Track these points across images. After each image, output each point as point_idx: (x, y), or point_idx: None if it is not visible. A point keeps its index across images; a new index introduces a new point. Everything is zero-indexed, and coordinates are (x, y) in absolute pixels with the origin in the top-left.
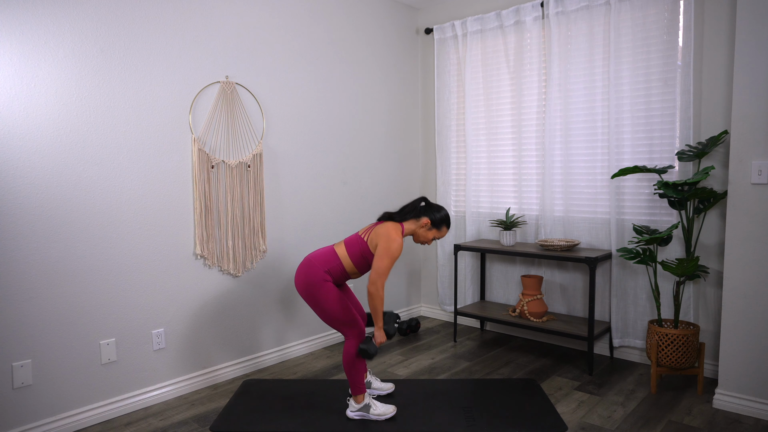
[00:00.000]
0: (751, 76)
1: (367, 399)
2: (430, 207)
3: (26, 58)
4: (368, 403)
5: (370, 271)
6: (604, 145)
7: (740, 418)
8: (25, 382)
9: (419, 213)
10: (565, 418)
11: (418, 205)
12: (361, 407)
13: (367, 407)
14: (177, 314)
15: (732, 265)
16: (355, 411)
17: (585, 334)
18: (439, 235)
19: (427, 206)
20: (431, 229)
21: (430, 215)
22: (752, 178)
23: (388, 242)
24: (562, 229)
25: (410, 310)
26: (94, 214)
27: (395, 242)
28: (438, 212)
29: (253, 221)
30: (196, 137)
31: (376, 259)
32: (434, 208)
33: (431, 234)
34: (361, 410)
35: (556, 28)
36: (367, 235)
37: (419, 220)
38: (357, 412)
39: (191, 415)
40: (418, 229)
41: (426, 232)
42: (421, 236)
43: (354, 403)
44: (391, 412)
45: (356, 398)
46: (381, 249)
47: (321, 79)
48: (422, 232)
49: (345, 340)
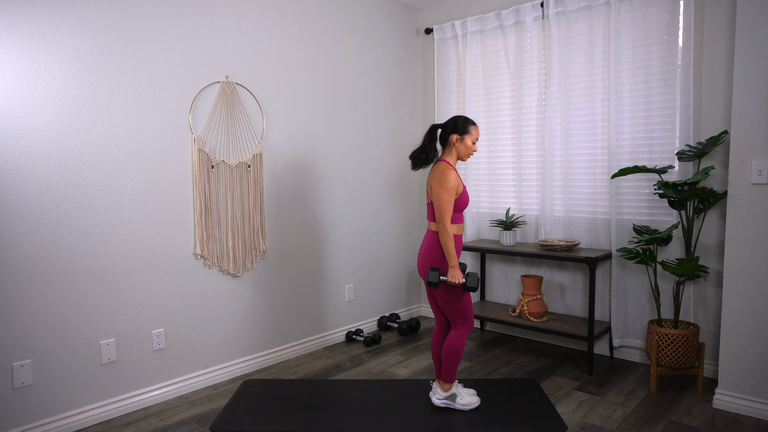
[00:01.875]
0: (751, 76)
1: (454, 388)
2: (446, 125)
3: (26, 58)
4: (454, 392)
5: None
6: (604, 145)
7: (740, 418)
8: (25, 382)
9: (444, 139)
10: (565, 418)
11: (435, 135)
12: (447, 395)
13: (453, 396)
14: (177, 314)
15: (732, 265)
16: (441, 399)
17: (585, 334)
18: (474, 136)
19: (443, 129)
20: (463, 139)
21: (453, 131)
22: (752, 178)
23: (439, 179)
24: (562, 229)
25: (410, 310)
26: (94, 214)
27: (445, 175)
28: (455, 122)
29: (253, 221)
30: (196, 137)
31: (435, 198)
32: (449, 124)
33: (468, 142)
34: (447, 398)
35: (556, 28)
36: (428, 195)
37: (449, 143)
38: (443, 399)
39: (191, 415)
40: (456, 150)
41: (462, 146)
42: (463, 152)
43: (441, 391)
44: (476, 403)
45: (443, 386)
46: (435, 188)
47: (321, 79)
48: (461, 149)
49: (453, 328)
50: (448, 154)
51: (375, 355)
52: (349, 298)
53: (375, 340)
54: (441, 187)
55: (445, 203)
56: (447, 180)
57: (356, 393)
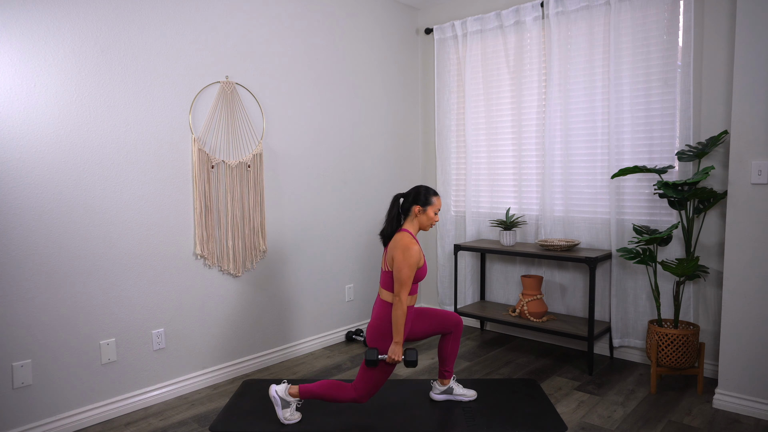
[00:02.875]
0: (751, 76)
1: (452, 384)
2: (408, 196)
3: (26, 58)
4: (451, 386)
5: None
6: (604, 145)
7: (740, 418)
8: (25, 382)
9: (406, 210)
10: (565, 418)
11: (398, 205)
12: (445, 389)
13: (450, 390)
14: (177, 314)
15: (732, 265)
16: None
17: (585, 334)
18: (437, 207)
19: (405, 199)
20: (425, 210)
21: (414, 202)
22: (752, 178)
23: (403, 251)
24: (562, 229)
25: None
26: (94, 214)
27: (409, 249)
28: (417, 194)
29: (253, 221)
30: (196, 137)
31: (395, 270)
32: (411, 195)
33: (430, 213)
34: (445, 392)
35: (556, 28)
36: (384, 262)
37: (411, 213)
38: (441, 394)
39: (191, 415)
40: (418, 220)
41: (424, 216)
42: (425, 222)
43: (438, 386)
44: (472, 395)
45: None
46: (398, 260)
47: (321, 79)
48: (423, 219)
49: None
50: (409, 224)
51: None
52: (349, 298)
53: None
54: (404, 261)
55: (406, 278)
56: (411, 255)
57: None
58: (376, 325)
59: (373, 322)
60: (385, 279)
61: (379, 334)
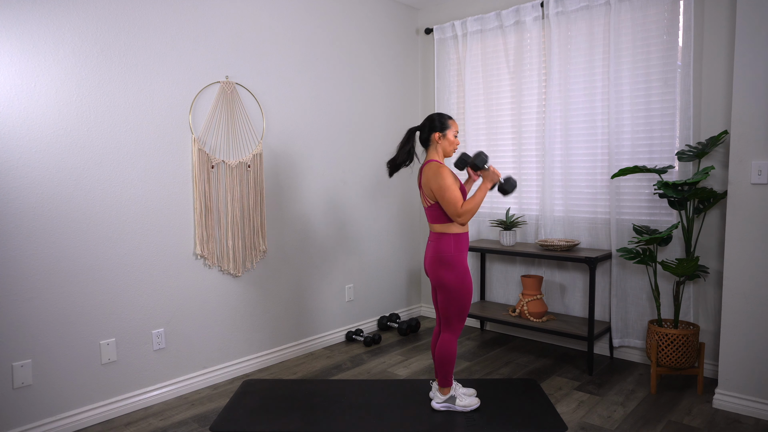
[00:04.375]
0: (751, 76)
1: (452, 391)
2: (423, 127)
3: (27, 58)
4: (453, 395)
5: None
6: (604, 145)
7: (740, 418)
8: (25, 382)
9: (425, 140)
10: (565, 418)
11: (413, 138)
12: (447, 398)
13: (453, 398)
14: (177, 314)
15: (732, 265)
16: (441, 402)
17: (585, 334)
18: (455, 130)
19: (421, 131)
20: (445, 134)
21: (432, 129)
22: (752, 178)
23: (435, 175)
24: (562, 229)
25: (410, 310)
26: (94, 214)
27: (440, 170)
28: (432, 121)
29: (253, 221)
30: (196, 137)
31: (440, 199)
32: (426, 125)
33: (450, 136)
34: (447, 401)
35: (556, 28)
36: (424, 198)
37: (432, 142)
38: (443, 403)
39: (191, 415)
40: (441, 147)
41: (446, 141)
42: (447, 147)
43: (440, 395)
44: (476, 404)
45: (442, 390)
46: (436, 187)
47: (321, 79)
48: (445, 144)
49: (443, 332)
50: (433, 152)
51: (375, 355)
52: (349, 298)
53: (375, 340)
54: (443, 181)
55: (454, 195)
56: (444, 175)
57: (356, 393)
58: (433, 255)
59: (430, 253)
60: (430, 214)
61: (439, 263)
